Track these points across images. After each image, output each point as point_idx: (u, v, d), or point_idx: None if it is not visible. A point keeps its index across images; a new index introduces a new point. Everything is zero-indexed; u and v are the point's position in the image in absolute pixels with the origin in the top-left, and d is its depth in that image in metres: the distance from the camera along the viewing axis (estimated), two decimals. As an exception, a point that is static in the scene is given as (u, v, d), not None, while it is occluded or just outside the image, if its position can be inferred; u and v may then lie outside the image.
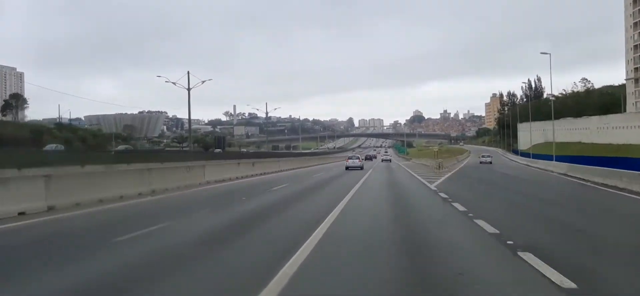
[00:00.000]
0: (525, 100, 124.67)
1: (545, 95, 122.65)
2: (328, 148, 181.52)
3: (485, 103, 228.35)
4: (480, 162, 53.50)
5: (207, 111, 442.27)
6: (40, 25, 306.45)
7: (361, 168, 41.90)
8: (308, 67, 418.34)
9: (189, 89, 54.34)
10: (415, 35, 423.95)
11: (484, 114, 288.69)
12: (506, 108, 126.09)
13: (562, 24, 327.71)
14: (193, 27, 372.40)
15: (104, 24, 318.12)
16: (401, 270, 5.84)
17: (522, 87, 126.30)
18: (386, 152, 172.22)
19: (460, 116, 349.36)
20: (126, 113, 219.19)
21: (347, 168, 42.00)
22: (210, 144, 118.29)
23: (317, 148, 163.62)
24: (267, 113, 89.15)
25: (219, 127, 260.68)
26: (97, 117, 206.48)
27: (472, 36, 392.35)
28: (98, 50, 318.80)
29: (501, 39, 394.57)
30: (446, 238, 8.03)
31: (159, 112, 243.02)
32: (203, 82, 57.03)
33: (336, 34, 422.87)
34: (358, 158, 49.58)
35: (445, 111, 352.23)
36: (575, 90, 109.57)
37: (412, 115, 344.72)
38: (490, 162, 53.62)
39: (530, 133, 76.46)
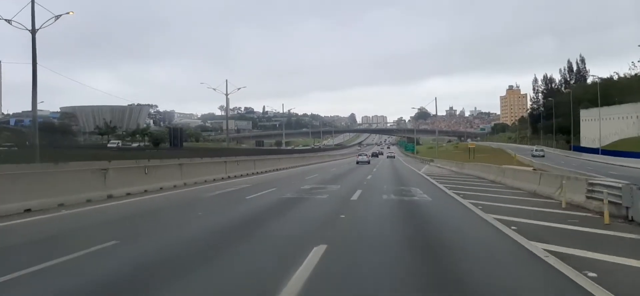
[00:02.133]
0: (564, 85, 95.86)
1: (590, 80, 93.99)
2: (325, 145, 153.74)
3: (501, 97, 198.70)
4: None
5: (202, 106, 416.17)
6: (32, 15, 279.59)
7: (368, 162, 50.09)
8: (308, 62, 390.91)
9: (33, 31, 26.40)
10: (417, 29, 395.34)
11: (492, 111, 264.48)
12: (541, 96, 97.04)
13: (570, 19, 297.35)
14: (188, 20, 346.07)
15: (95, 17, 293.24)
16: None
17: (560, 70, 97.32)
18: (388, 148, 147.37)
19: (467, 113, 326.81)
20: (105, 105, 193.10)
21: (357, 162, 50.09)
22: (161, 138, 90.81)
23: (304, 146, 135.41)
24: (227, 96, 61.34)
25: (209, 121, 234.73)
26: (73, 108, 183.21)
27: (475, 31, 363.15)
28: (91, 43, 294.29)
29: (506, 34, 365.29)
30: None
31: (146, 105, 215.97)
32: (56, 17, 28.70)
33: (335, 27, 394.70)
34: (366, 154, 58.81)
35: (451, 108, 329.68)
36: (634, 71, 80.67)
37: (416, 111, 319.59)
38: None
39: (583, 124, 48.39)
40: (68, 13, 27.91)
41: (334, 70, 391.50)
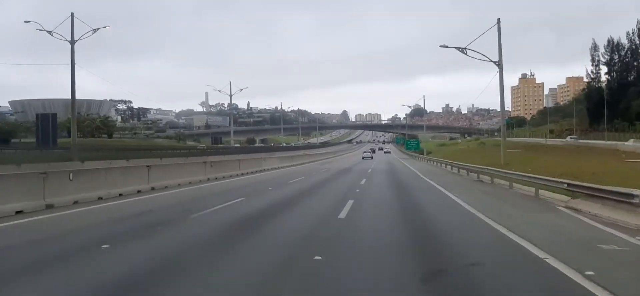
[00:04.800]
0: (632, 53, 64.79)
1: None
2: (306, 143, 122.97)
3: (512, 87, 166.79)
4: None
5: (185, 102, 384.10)
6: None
7: (371, 158, 56.22)
8: (298, 59, 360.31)
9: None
10: (410, 24, 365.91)
11: (491, 108, 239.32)
12: (611, 70, 65.17)
13: (566, 11, 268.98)
14: (168, 14, 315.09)
15: (72, 10, 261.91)
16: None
17: (627, 33, 65.68)
18: (383, 143, 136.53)
19: (464, 110, 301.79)
20: (58, 99, 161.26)
21: (363, 158, 55.30)
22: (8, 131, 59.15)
23: (286, 144, 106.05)
24: (72, 43, 30.51)
25: (184, 117, 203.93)
26: (22, 103, 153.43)
27: (469, 27, 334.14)
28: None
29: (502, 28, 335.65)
30: None
31: (110, 100, 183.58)
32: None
33: (327, 22, 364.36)
34: (371, 150, 74.28)
35: (447, 105, 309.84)
36: None
37: (412, 108, 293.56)
38: None
39: None
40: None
41: (326, 68, 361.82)
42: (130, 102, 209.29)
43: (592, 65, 65.87)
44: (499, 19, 24.73)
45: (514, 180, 15.18)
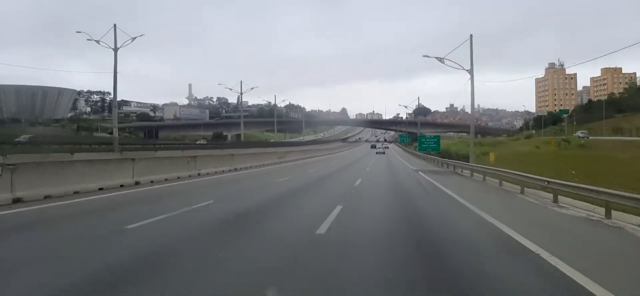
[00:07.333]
0: None
1: None
2: (279, 141, 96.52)
3: (536, 80, 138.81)
4: None
5: (173, 97, 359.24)
6: None
7: (384, 153, 54.58)
8: (296, 56, 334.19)
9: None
10: (409, 23, 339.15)
11: (500, 108, 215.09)
12: None
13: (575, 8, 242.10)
14: (160, 7, 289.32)
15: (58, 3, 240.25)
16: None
17: None
18: (385, 141, 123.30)
19: (468, 110, 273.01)
20: (9, 85, 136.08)
21: (376, 153, 53.97)
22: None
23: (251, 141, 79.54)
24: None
25: (162, 111, 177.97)
26: None
27: (472, 25, 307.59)
28: (50, 29, 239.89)
29: (504, 28, 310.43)
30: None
31: (71, 89, 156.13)
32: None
33: (328, 20, 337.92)
34: (382, 145, 74.31)
35: (451, 105, 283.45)
36: None
37: (415, 107, 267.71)
38: None
39: None
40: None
41: (326, 67, 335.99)
42: (109, 93, 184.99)
43: None
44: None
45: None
